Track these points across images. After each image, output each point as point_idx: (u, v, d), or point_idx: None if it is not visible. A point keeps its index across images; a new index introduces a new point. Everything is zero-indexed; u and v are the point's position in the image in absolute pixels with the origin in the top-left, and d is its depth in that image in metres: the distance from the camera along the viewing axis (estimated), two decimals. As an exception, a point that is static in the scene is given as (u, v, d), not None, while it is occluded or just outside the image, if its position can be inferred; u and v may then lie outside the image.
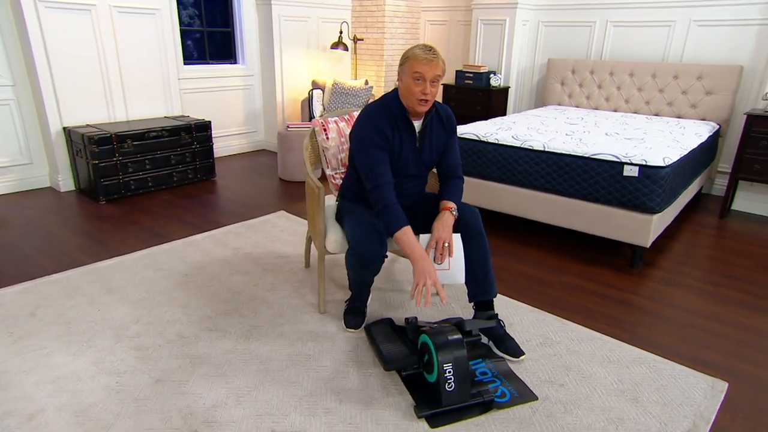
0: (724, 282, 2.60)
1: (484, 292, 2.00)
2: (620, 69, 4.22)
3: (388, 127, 1.89)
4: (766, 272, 2.73)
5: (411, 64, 1.81)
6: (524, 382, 1.80)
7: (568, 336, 2.08)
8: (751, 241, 3.16)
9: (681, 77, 3.95)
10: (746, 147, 3.36)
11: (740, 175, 3.42)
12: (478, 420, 1.61)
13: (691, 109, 3.94)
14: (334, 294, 2.39)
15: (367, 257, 1.83)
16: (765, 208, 3.66)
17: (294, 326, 2.11)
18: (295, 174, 4.23)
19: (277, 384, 1.76)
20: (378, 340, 1.89)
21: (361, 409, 1.65)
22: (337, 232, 2.08)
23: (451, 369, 1.63)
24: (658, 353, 1.98)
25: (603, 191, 2.71)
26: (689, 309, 2.33)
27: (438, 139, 2.01)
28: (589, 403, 1.69)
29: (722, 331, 2.15)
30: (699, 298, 2.43)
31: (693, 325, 2.19)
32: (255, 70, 5.13)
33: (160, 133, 3.85)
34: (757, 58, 3.72)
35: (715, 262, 2.85)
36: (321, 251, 2.13)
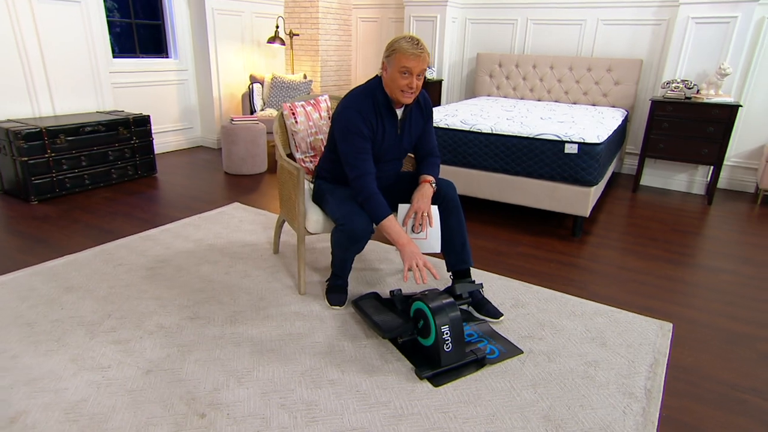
0: (648, 243, 2.88)
1: (463, 261, 2.05)
2: (542, 62, 4.50)
3: (373, 116, 1.86)
4: (677, 233, 3.06)
5: (398, 58, 1.78)
6: (508, 339, 1.88)
7: (535, 297, 2.20)
8: (660, 209, 3.53)
9: (594, 69, 4.29)
10: (652, 129, 3.73)
11: (648, 153, 3.79)
12: (476, 375, 1.66)
13: (603, 97, 4.30)
14: (309, 276, 2.34)
15: (356, 233, 1.81)
16: (665, 182, 4.08)
17: (278, 308, 2.04)
18: (242, 167, 4.06)
19: (275, 362, 1.69)
20: (369, 313, 1.88)
21: (365, 377, 1.63)
22: (317, 212, 2.04)
23: (448, 330, 1.67)
24: (611, 305, 2.15)
25: (547, 168, 2.89)
26: (627, 267, 2.55)
27: (417, 125, 2.02)
28: (567, 351, 1.80)
29: (656, 282, 2.38)
30: (633, 257, 2.67)
31: (633, 280, 2.41)
32: (189, 65, 4.85)
33: (96, 128, 3.53)
34: (652, 52, 4.14)
35: (638, 227, 3.14)
36: (301, 232, 2.07)
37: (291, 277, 2.32)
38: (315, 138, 2.40)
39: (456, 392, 1.57)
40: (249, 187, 3.76)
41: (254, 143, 4.05)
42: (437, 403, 1.52)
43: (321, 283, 2.27)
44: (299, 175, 1.99)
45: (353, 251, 1.91)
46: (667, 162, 4.03)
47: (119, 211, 3.14)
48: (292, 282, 2.27)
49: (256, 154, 4.08)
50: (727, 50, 3.57)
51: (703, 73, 3.70)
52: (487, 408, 1.50)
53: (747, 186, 3.99)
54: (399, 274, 2.39)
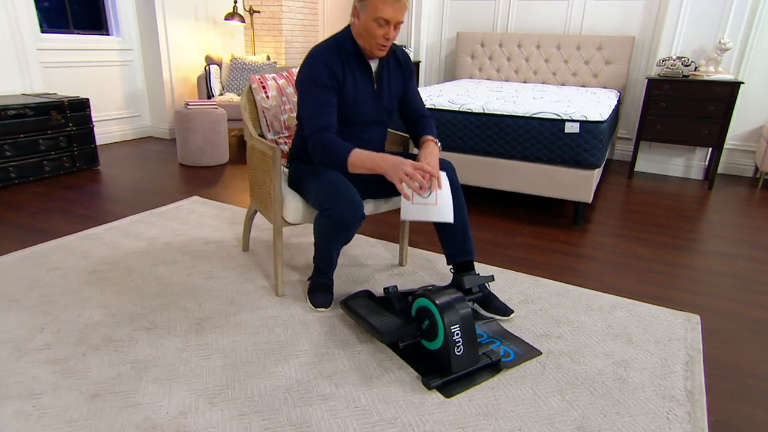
0: (654, 230, 2.82)
1: (465, 253, 1.90)
2: (527, 41, 4.42)
3: (339, 66, 1.71)
4: (682, 219, 3.01)
5: (374, 5, 1.64)
6: (522, 339, 1.74)
7: (545, 291, 2.07)
8: (661, 195, 3.49)
9: (583, 48, 4.24)
10: (648, 109, 3.69)
11: (644, 136, 3.75)
12: (492, 382, 1.51)
13: (594, 78, 4.25)
14: (287, 275, 2.14)
15: (344, 219, 1.63)
16: (662, 168, 4.06)
17: (252, 313, 1.83)
18: (200, 158, 3.80)
19: (253, 377, 1.49)
20: (362, 314, 1.70)
21: (363, 389, 1.45)
22: (295, 199, 1.85)
23: (458, 331, 1.51)
24: (629, 297, 2.05)
25: (545, 150, 2.77)
26: (637, 255, 2.47)
27: (397, 82, 1.88)
28: (590, 350, 1.68)
29: (671, 271, 2.30)
30: (641, 245, 2.59)
31: (646, 269, 2.32)
32: (134, 44, 4.54)
33: (21, 112, 3.20)
34: (645, 29, 4.11)
35: (640, 214, 3.08)
36: (278, 223, 1.87)
37: (265, 277, 2.11)
38: (289, 116, 2.20)
39: (472, 403, 1.41)
40: (209, 179, 3.50)
41: (214, 131, 3.79)
42: (452, 417, 1.36)
43: (301, 282, 2.08)
44: (274, 155, 1.79)
45: (341, 241, 1.72)
46: (663, 146, 4.01)
47: (54, 208, 2.85)
48: (267, 282, 2.06)
49: (216, 143, 3.82)
50: (726, 23, 3.56)
51: (700, 49, 3.68)
52: (510, 420, 1.35)
53: (744, 170, 4.01)
54: (391, 269, 2.22)
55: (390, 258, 2.34)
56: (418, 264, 2.29)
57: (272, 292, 1.99)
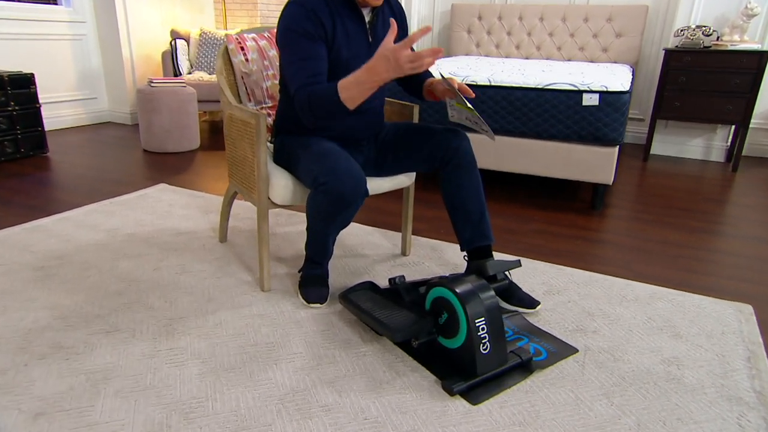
0: (682, 214, 2.71)
1: (482, 236, 1.75)
2: (529, 13, 4.30)
3: (326, 15, 1.54)
4: (711, 203, 2.91)
5: None
6: (553, 334, 1.59)
7: (570, 280, 1.94)
8: (683, 178, 3.39)
9: (591, 19, 4.13)
10: (666, 85, 3.59)
11: (661, 114, 3.65)
12: (524, 385, 1.36)
13: (603, 53, 4.15)
14: (273, 268, 1.96)
15: (344, 195, 1.46)
16: (679, 150, 3.98)
17: (234, 311, 1.66)
18: (166, 143, 3.59)
19: (238, 386, 1.32)
20: (367, 308, 1.53)
21: (373, 397, 1.29)
22: (283, 176, 1.67)
23: (484, 325, 1.35)
24: (667, 286, 1.93)
25: (560, 126, 2.64)
26: (668, 241, 2.35)
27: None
28: (633, 346, 1.54)
29: (709, 257, 2.19)
30: (671, 231, 2.48)
31: (681, 256, 2.20)
32: (87, 16, 4.30)
33: (-41, 89, 2.97)
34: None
35: (663, 198, 2.97)
36: (263, 206, 1.69)
37: (248, 270, 1.93)
38: (273, 83, 2.02)
39: (504, 411, 1.26)
40: (178, 166, 3.30)
41: (182, 112, 3.58)
42: (482, 428, 1.20)
43: (290, 275, 1.91)
44: (258, 123, 1.61)
45: (339, 223, 1.56)
46: (681, 126, 3.92)
47: (-4, 198, 2.62)
48: (251, 276, 1.88)
49: (185, 126, 3.61)
50: (749, -10, 3.48)
51: (722, 16, 3.59)
52: (552, 430, 1.20)
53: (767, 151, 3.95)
54: (393, 259, 2.06)
55: (391, 247, 2.18)
56: (423, 253, 2.13)
57: (257, 286, 1.81)
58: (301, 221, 2.45)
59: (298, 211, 2.57)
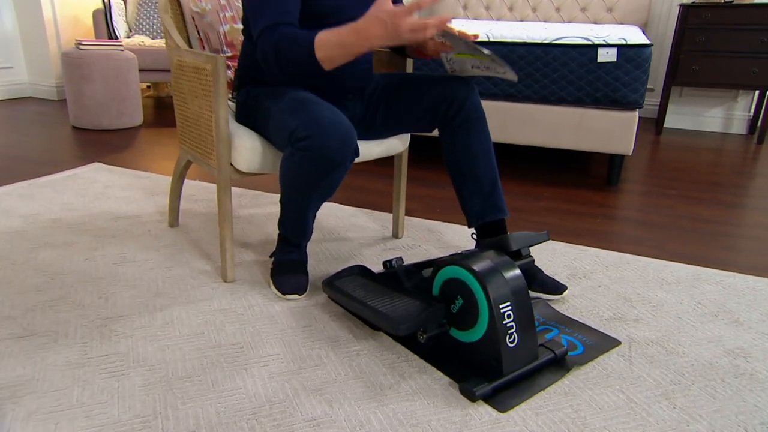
0: (713, 189, 2.63)
1: (495, 209, 1.60)
2: (525, -32, 4.17)
3: None
4: (744, 177, 2.84)
5: None
6: (587, 324, 1.45)
7: (596, 262, 1.81)
8: (704, 152, 3.32)
9: (595, -25, 4.02)
10: (682, 45, 3.50)
11: (676, 81, 3.56)
12: (562, 386, 1.20)
13: (608, 13, 4.05)
14: (238, 255, 1.77)
15: (329, 153, 1.28)
16: (696, 122, 3.90)
17: (190, 307, 1.46)
18: (100, 118, 3.33)
19: (197, 399, 1.12)
20: (359, 297, 1.35)
21: (373, 407, 1.11)
22: (249, 136, 1.48)
23: (511, 311, 1.19)
24: (711, 266, 1.82)
25: (570, 88, 2.51)
26: (703, 218, 2.25)
27: None
28: (687, 336, 1.41)
29: (754, 234, 2.11)
30: (703, 207, 2.39)
31: (721, 234, 2.10)
32: (5, -29, 4.00)
33: None
34: (671, -50, 3.94)
35: (687, 172, 2.89)
36: (224, 175, 1.50)
37: (206, 258, 1.74)
38: (231, 27, 1.82)
39: (541, 419, 1.10)
40: (116, 144, 3.06)
41: (120, 81, 3.33)
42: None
43: (260, 262, 1.72)
44: (216, 68, 1.42)
45: (323, 190, 1.38)
46: (697, 95, 3.85)
47: None
48: (209, 265, 1.69)
49: (124, 99, 3.37)
50: (774, -63, 3.41)
51: (744, -32, 3.52)
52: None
53: (792, 122, 3.91)
54: (383, 242, 1.89)
55: (379, 229, 2.01)
56: (419, 235, 1.97)
57: (217, 277, 1.62)
58: (269, 202, 2.25)
59: (265, 191, 2.38)
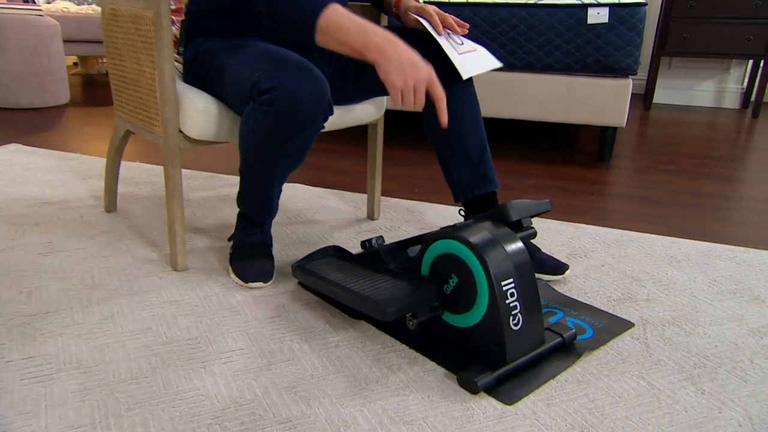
0: (712, 163, 2.65)
1: (485, 180, 1.54)
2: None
3: None
4: (741, 150, 2.88)
5: None
6: (595, 306, 1.40)
7: (597, 240, 1.77)
8: (698, 127, 3.34)
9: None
10: (671, 12, 3.52)
11: (666, 50, 3.57)
12: (574, 374, 1.14)
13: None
14: (190, 240, 1.67)
15: (302, 105, 1.18)
16: (686, 97, 3.94)
17: (133, 299, 1.35)
18: (17, 94, 3.15)
19: (145, 404, 1.02)
20: (336, 280, 1.27)
21: (359, 404, 1.03)
22: (201, 97, 1.38)
23: (514, 289, 1.12)
24: (721, 242, 1.80)
25: (558, 53, 2.47)
26: (706, 193, 2.26)
27: None
28: (706, 316, 1.37)
29: (763, 208, 2.11)
30: (704, 181, 2.41)
31: (728, 208, 2.12)
32: None
33: None
34: None
35: (682, 147, 2.91)
36: (172, 142, 1.39)
37: (151, 245, 1.63)
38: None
39: (554, 410, 1.03)
40: (39, 124, 2.90)
41: (40, 51, 3.15)
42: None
43: (215, 249, 1.62)
44: (158, 15, 1.31)
45: (292, 155, 1.28)
46: (687, 67, 3.89)
47: None
48: (156, 253, 1.58)
49: (46, 73, 3.19)
50: None
51: (735, -72, 3.56)
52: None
53: (787, 96, 3.98)
54: (357, 224, 1.82)
55: (352, 210, 1.93)
56: (397, 216, 1.90)
57: (166, 265, 1.51)
58: (224, 184, 2.15)
59: (218, 171, 2.27)
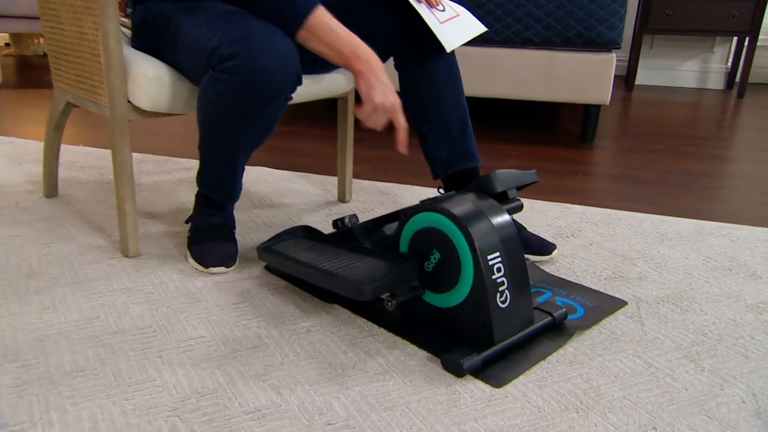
0: (697, 143, 2.70)
1: (467, 155, 1.53)
2: None
3: None
4: (732, 130, 2.95)
5: None
6: (585, 285, 1.39)
7: (583, 220, 1.78)
8: (683, 107, 3.41)
9: None
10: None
11: (648, 27, 3.61)
12: (566, 355, 1.12)
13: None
14: (143, 225, 1.62)
15: (267, 74, 1.14)
16: (669, 78, 4.00)
17: (78, 288, 1.29)
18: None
19: (94, 398, 0.97)
20: (308, 261, 1.23)
21: (335, 391, 1.00)
22: (152, 63, 1.33)
23: (501, 264, 1.10)
24: (714, 220, 1.83)
25: (538, 26, 2.47)
26: (694, 171, 2.30)
27: None
28: (702, 293, 1.38)
29: (754, 186, 2.16)
30: (692, 160, 2.44)
31: (718, 187, 2.15)
32: None
33: None
34: None
35: (668, 127, 2.96)
36: (119, 115, 1.33)
37: (98, 231, 1.57)
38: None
39: (546, 392, 1.01)
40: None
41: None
42: (522, 422, 0.95)
43: (171, 234, 1.58)
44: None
45: (257, 129, 1.24)
46: (669, 46, 3.94)
47: None
48: (104, 239, 1.52)
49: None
50: None
51: None
52: (630, 414, 0.97)
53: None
54: (327, 207, 1.79)
55: (322, 193, 1.90)
56: (371, 198, 1.87)
57: (116, 251, 1.46)
58: (179, 168, 2.09)
59: (172, 154, 2.21)
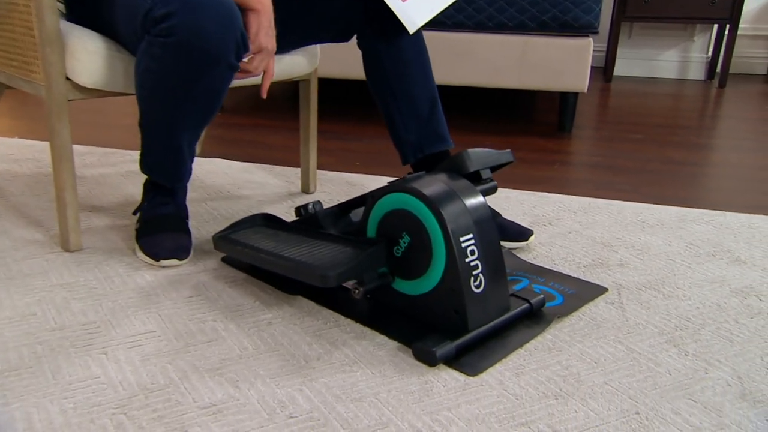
0: (679, 132, 2.76)
1: (437, 137, 1.53)
2: None
3: None
4: (715, 119, 3.02)
5: None
6: (564, 273, 1.40)
7: (562, 208, 1.80)
8: (664, 97, 3.47)
9: None
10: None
11: (626, 15, 3.66)
12: (544, 342, 1.12)
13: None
14: (86, 218, 1.58)
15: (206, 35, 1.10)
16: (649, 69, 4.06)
17: (12, 284, 1.26)
18: None
19: (29, 396, 0.94)
20: (268, 249, 1.21)
21: (298, 383, 0.98)
22: (90, 36, 1.30)
23: (474, 247, 1.09)
24: (695, 206, 1.86)
25: (511, 10, 2.49)
26: (676, 160, 2.35)
27: None
28: (684, 278, 1.39)
29: (736, 174, 2.21)
30: (674, 149, 2.49)
31: (701, 174, 2.22)
32: None
33: None
34: None
35: (648, 116, 3.01)
36: (56, 93, 1.30)
37: (35, 225, 1.54)
38: None
39: (523, 380, 1.01)
40: None
41: None
42: (500, 410, 0.94)
43: (118, 228, 1.55)
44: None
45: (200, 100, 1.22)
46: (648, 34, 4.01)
47: None
48: (42, 233, 1.49)
49: None
50: None
51: None
52: (612, 400, 0.97)
53: (753, 65, 4.15)
54: (290, 198, 1.78)
55: (284, 185, 1.89)
56: (336, 189, 1.87)
57: (54, 246, 1.43)
58: (125, 159, 2.06)
59: (118, 146, 2.17)
